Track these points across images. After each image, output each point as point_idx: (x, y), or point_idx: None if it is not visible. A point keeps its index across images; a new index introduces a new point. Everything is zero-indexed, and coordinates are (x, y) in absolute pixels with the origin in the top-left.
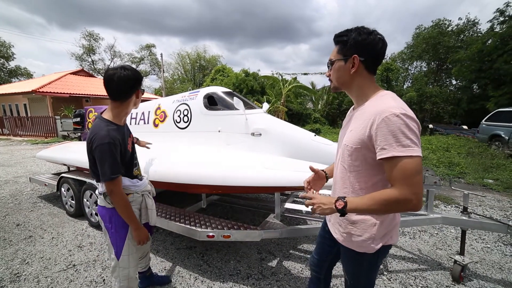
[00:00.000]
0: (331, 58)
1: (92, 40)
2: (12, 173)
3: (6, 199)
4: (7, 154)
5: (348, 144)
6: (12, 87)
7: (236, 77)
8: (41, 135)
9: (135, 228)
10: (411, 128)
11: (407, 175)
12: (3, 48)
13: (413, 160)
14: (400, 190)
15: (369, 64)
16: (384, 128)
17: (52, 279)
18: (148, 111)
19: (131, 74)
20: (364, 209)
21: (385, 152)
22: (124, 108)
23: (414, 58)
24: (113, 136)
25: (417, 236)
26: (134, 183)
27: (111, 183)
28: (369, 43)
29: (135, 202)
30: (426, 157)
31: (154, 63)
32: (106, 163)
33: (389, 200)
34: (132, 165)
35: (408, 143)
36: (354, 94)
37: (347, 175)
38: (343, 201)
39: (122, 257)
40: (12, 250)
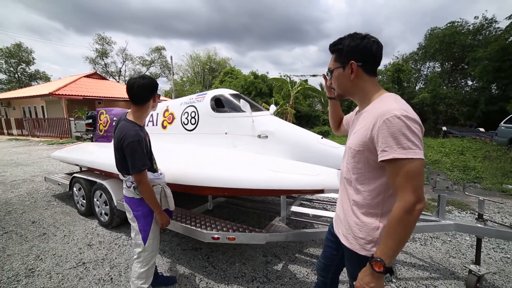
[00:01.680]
0: (330, 67)
1: (105, 44)
2: (29, 172)
3: (24, 197)
4: (25, 154)
5: (352, 146)
6: (31, 90)
7: (245, 79)
8: (57, 136)
9: (159, 212)
10: (413, 130)
11: (407, 178)
12: (25, 53)
13: (414, 163)
14: (401, 197)
15: (368, 68)
16: (385, 130)
17: (63, 276)
18: (156, 113)
19: (148, 82)
20: (394, 244)
21: (386, 154)
22: (144, 111)
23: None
24: (139, 134)
25: (428, 243)
26: (157, 176)
27: (140, 174)
28: (363, 47)
29: (156, 192)
30: (439, 160)
31: (164, 66)
32: (136, 157)
33: (399, 216)
34: (152, 161)
35: (409, 145)
36: (357, 98)
37: (351, 177)
38: (378, 261)
39: (148, 241)
40: (27, 246)
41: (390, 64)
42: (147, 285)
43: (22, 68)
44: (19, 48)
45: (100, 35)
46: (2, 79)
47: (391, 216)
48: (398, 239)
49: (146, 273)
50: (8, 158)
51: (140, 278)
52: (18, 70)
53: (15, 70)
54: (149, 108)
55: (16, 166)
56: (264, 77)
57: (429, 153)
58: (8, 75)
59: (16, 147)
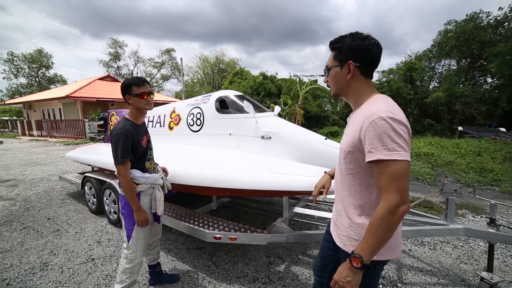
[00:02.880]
0: (328, 65)
1: (117, 47)
2: (46, 172)
3: (41, 194)
4: (44, 154)
5: (343, 147)
6: (50, 93)
7: (254, 80)
8: (72, 137)
9: (135, 209)
10: (398, 132)
11: (391, 179)
12: (45, 58)
13: (398, 165)
14: (385, 198)
15: (365, 69)
16: (371, 132)
17: (73, 271)
18: (164, 114)
19: (122, 83)
20: (375, 242)
21: (371, 155)
22: (132, 109)
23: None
24: (127, 128)
25: (438, 247)
26: (143, 175)
27: (120, 166)
28: (363, 48)
29: (146, 193)
30: (453, 162)
31: (175, 67)
32: (118, 148)
33: (382, 216)
34: (144, 159)
35: (394, 146)
36: (351, 99)
37: (344, 178)
38: (356, 256)
39: (131, 240)
40: (43, 241)
41: (402, 63)
42: (131, 280)
43: (42, 73)
44: (40, 53)
45: (113, 39)
46: (24, 83)
47: (375, 215)
48: (379, 238)
49: (131, 269)
50: (29, 158)
51: (125, 273)
52: (39, 75)
53: (36, 74)
54: (133, 108)
55: (35, 166)
56: (273, 78)
57: (442, 154)
58: (30, 79)
59: (35, 147)
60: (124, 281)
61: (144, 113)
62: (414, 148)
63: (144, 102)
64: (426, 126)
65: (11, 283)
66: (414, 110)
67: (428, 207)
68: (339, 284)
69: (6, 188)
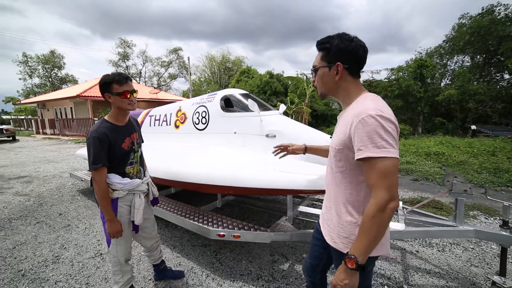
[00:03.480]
0: (315, 65)
1: (126, 47)
2: (58, 169)
3: (53, 191)
4: (56, 151)
5: (333, 145)
6: (62, 93)
7: (260, 79)
8: (83, 135)
9: (108, 219)
10: (387, 129)
11: (381, 176)
12: (57, 59)
13: (387, 162)
14: (375, 195)
15: (352, 70)
16: (360, 130)
17: (83, 264)
18: (170, 113)
19: (101, 80)
20: (368, 241)
21: (361, 153)
22: (113, 109)
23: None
24: (101, 132)
25: (447, 249)
26: (121, 181)
27: (93, 172)
28: (351, 50)
29: (125, 199)
30: (465, 161)
31: (182, 66)
32: (91, 154)
33: (373, 214)
34: (124, 162)
35: (383, 144)
36: (340, 99)
37: (334, 176)
38: (351, 257)
39: (111, 245)
40: (54, 235)
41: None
42: (125, 279)
43: (54, 73)
44: (53, 54)
45: (122, 39)
46: (38, 84)
47: (365, 213)
48: (371, 236)
49: (120, 270)
50: (42, 156)
51: (116, 274)
52: (52, 75)
53: (49, 74)
54: (114, 107)
55: (48, 163)
56: (279, 76)
57: (454, 153)
58: (43, 80)
59: (48, 145)
60: (119, 281)
61: (127, 113)
62: (424, 147)
63: (127, 101)
64: (437, 125)
65: (26, 274)
66: (424, 108)
67: (438, 208)
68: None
69: (22, 184)
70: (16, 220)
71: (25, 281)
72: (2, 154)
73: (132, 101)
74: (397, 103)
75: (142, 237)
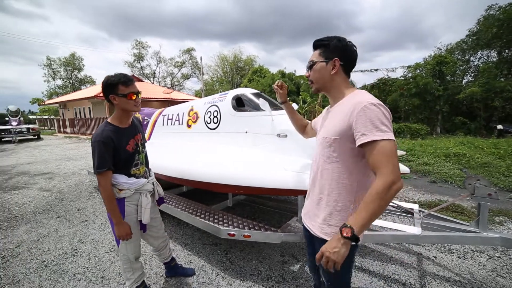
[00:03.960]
0: (313, 60)
1: (141, 48)
2: (77, 166)
3: (72, 187)
4: (75, 149)
5: (327, 136)
6: (81, 94)
7: (272, 78)
8: None
9: (115, 222)
10: (387, 116)
11: (387, 156)
12: (77, 61)
13: (390, 143)
14: (380, 174)
15: (346, 68)
16: (363, 116)
17: (98, 259)
18: (182, 112)
19: (105, 81)
20: (367, 215)
21: (365, 137)
22: (117, 110)
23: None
24: (106, 135)
25: (468, 256)
26: (128, 180)
27: (98, 176)
28: (348, 49)
29: (132, 198)
30: (489, 163)
31: (195, 67)
32: (96, 158)
33: (377, 191)
34: (130, 164)
35: (385, 128)
36: (332, 94)
37: (326, 167)
38: (348, 227)
39: (120, 244)
40: (73, 230)
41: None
42: (136, 275)
43: (74, 74)
44: (73, 57)
45: (137, 40)
46: (60, 85)
47: (369, 191)
48: (371, 212)
49: (131, 267)
50: (63, 153)
51: (127, 271)
52: (72, 76)
53: (70, 76)
54: (118, 109)
55: (68, 160)
56: (291, 75)
57: (476, 154)
58: (65, 81)
59: (68, 144)
60: (130, 278)
61: (131, 114)
62: (443, 148)
63: (133, 103)
64: (458, 125)
65: (48, 265)
66: (444, 107)
67: (458, 212)
68: (325, 255)
69: (45, 180)
70: (40, 214)
71: (47, 271)
72: (28, 152)
73: (137, 102)
74: (414, 102)
75: (150, 236)
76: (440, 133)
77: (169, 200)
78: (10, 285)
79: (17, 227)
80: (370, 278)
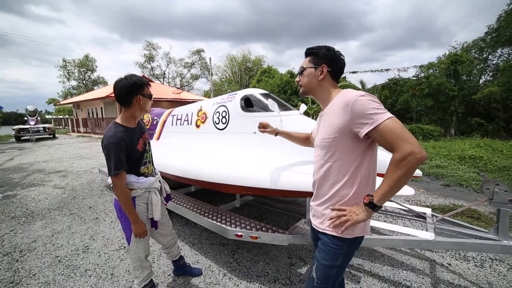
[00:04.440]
0: (303, 66)
1: (151, 49)
2: (89, 165)
3: (84, 185)
4: (88, 148)
5: (325, 137)
6: (93, 94)
7: (281, 78)
8: None
9: (132, 221)
10: (376, 101)
11: (397, 132)
12: (90, 63)
13: (392, 120)
14: (399, 148)
15: (333, 74)
16: (358, 109)
17: (108, 256)
18: (191, 112)
19: (126, 83)
20: (388, 186)
21: (369, 125)
22: (130, 112)
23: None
24: (119, 137)
25: (486, 265)
26: (138, 180)
27: (114, 178)
28: (335, 58)
29: (142, 197)
30: (510, 167)
31: (204, 67)
32: (111, 160)
33: (400, 161)
34: (139, 163)
35: (381, 111)
36: (320, 97)
37: (328, 167)
38: (369, 195)
39: (131, 243)
40: (85, 227)
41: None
42: (145, 274)
43: (88, 75)
44: (87, 58)
45: (148, 41)
46: (75, 86)
47: (390, 162)
48: (391, 182)
49: (140, 266)
50: (76, 152)
51: (136, 269)
52: (85, 77)
53: (83, 77)
54: (136, 110)
55: (81, 159)
56: None
57: (494, 158)
58: (79, 82)
59: (81, 143)
60: (139, 276)
61: (141, 115)
62: (457, 150)
63: (149, 104)
64: (474, 126)
65: (62, 261)
66: (459, 108)
67: (474, 217)
68: (341, 213)
69: (59, 178)
70: (54, 211)
71: (61, 267)
72: (44, 150)
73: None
74: (427, 103)
75: (159, 234)
76: (454, 135)
77: (177, 199)
78: (27, 278)
79: (34, 223)
80: (380, 283)
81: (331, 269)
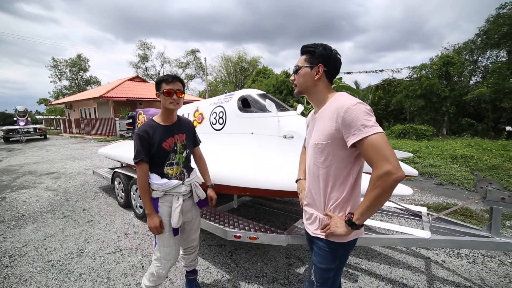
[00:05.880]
0: (299, 65)
1: (145, 49)
2: (83, 166)
3: (77, 187)
4: (80, 149)
5: (318, 142)
6: (86, 94)
7: (276, 78)
8: (105, 134)
9: (147, 212)
10: (369, 112)
11: (377, 149)
12: (83, 62)
13: (378, 136)
14: (377, 166)
15: (329, 74)
16: (348, 118)
17: (104, 259)
18: (188, 113)
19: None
20: (365, 206)
21: (355, 136)
22: (162, 108)
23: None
24: (143, 130)
25: (479, 261)
26: (158, 181)
27: (136, 166)
28: (332, 57)
29: (165, 199)
30: (498, 166)
31: (199, 67)
32: (135, 149)
33: (376, 181)
34: (163, 162)
35: (371, 123)
36: (314, 98)
37: (319, 173)
38: (349, 213)
39: (157, 246)
40: (79, 230)
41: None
42: (157, 283)
43: (80, 75)
44: (79, 58)
45: (142, 41)
46: (66, 86)
47: (370, 181)
48: (369, 201)
49: (158, 274)
50: (68, 153)
51: (152, 275)
52: (78, 77)
53: (76, 77)
54: (162, 106)
55: (74, 160)
56: None
57: (484, 157)
58: (71, 82)
59: (74, 144)
60: (151, 280)
61: (172, 112)
62: (449, 150)
63: (169, 100)
64: (464, 126)
65: (55, 265)
66: (450, 108)
67: (466, 215)
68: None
69: (51, 180)
70: (46, 214)
71: (54, 271)
72: (35, 151)
73: (174, 100)
74: (419, 103)
75: (181, 238)
76: (446, 135)
77: None
78: (18, 284)
79: (24, 226)
80: (377, 281)
81: (328, 272)
